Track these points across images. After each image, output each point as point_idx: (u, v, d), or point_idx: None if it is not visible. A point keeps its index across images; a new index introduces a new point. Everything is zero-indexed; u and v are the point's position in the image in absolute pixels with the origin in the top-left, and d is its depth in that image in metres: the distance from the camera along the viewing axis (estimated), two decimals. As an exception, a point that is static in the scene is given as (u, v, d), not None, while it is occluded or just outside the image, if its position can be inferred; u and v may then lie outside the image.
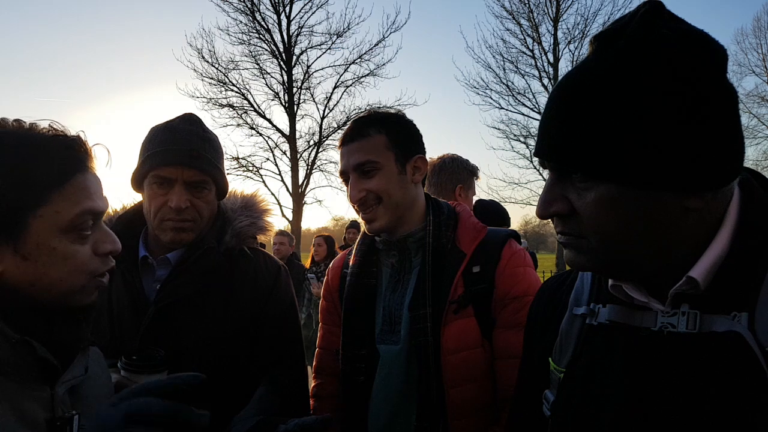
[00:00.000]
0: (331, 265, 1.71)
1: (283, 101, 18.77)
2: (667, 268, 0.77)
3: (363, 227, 1.53)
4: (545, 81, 19.17)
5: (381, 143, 1.42)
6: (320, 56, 18.63)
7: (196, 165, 1.42)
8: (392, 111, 1.62)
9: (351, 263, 1.56)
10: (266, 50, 18.45)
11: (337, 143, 1.52)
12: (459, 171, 2.55)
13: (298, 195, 18.72)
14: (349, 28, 18.10)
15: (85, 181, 0.84)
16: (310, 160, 19.01)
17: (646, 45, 0.71)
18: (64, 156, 0.82)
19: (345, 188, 1.50)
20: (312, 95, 18.93)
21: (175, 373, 1.27)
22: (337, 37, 18.20)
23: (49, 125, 0.84)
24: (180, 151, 1.41)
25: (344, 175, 1.48)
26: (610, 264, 0.80)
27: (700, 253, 0.76)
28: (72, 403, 0.88)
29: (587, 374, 0.85)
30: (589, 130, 0.73)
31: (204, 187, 1.45)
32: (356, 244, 1.60)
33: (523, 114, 19.38)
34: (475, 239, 1.45)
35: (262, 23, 18.14)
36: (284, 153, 18.97)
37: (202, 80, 17.97)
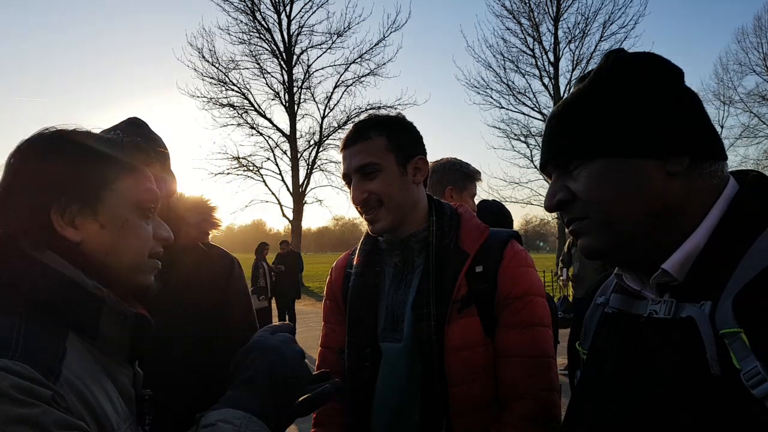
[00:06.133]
0: (334, 264, 1.73)
1: (283, 101, 18.81)
2: (659, 253, 0.84)
3: (366, 228, 1.55)
4: (546, 80, 19.21)
5: (381, 145, 1.45)
6: (321, 56, 18.84)
7: None
8: (392, 113, 1.64)
9: (355, 263, 1.59)
10: (266, 50, 18.52)
11: (338, 143, 1.55)
12: (449, 174, 2.62)
13: (298, 194, 18.75)
14: (349, 28, 18.20)
15: (148, 172, 0.99)
16: (310, 160, 19.06)
17: (618, 62, 0.88)
18: (134, 151, 0.97)
19: (346, 189, 1.53)
20: (312, 95, 19.02)
21: (140, 365, 1.31)
22: (338, 37, 18.28)
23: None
24: None
25: (347, 177, 1.50)
26: (614, 243, 0.87)
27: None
28: None
29: (597, 356, 0.97)
30: (576, 125, 0.88)
31: None
32: (360, 244, 1.62)
33: (523, 113, 19.43)
34: (479, 239, 1.47)
35: (263, 23, 18.20)
36: (285, 152, 19.02)
37: (203, 80, 18.14)
